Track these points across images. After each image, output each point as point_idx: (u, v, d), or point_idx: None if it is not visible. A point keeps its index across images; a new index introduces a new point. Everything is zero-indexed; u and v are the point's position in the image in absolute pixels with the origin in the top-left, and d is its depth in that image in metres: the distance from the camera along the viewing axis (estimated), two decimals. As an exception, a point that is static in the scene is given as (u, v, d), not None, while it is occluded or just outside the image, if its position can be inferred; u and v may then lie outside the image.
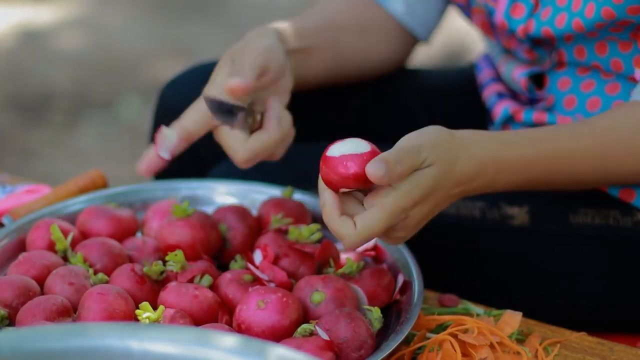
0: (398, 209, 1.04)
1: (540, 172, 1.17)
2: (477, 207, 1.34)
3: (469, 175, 1.10)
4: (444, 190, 1.08)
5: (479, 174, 1.11)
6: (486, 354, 1.10)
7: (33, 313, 1.08)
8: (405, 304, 1.15)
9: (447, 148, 1.08)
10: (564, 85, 1.35)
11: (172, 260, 1.15)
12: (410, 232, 1.09)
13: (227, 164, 1.42)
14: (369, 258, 1.23)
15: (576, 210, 1.33)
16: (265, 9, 4.05)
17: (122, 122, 3.29)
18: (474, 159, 1.10)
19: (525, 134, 1.17)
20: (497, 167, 1.12)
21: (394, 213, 1.04)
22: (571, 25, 1.25)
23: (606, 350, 1.16)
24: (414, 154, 1.05)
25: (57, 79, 3.50)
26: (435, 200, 1.08)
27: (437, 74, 1.62)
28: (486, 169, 1.11)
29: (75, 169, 2.89)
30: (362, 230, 1.04)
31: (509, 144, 1.14)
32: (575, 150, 1.18)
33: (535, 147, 1.16)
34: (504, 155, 1.13)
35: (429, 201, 1.07)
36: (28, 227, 1.24)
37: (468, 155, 1.10)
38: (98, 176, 1.40)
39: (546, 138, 1.17)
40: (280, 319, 1.07)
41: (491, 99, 1.46)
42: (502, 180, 1.14)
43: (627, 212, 1.32)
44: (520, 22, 1.31)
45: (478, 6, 1.37)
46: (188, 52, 3.69)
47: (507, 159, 1.13)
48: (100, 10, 4.02)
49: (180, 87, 1.54)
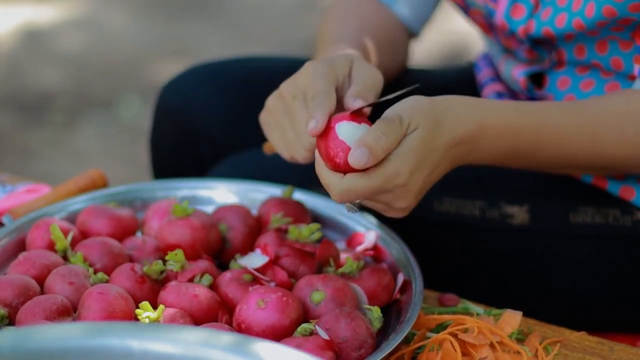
0: (390, 172, 1.05)
1: (526, 143, 1.16)
2: (477, 207, 1.34)
3: (456, 136, 1.11)
4: (437, 151, 1.09)
5: (466, 136, 1.11)
6: (486, 354, 1.10)
7: (33, 312, 1.08)
8: (405, 303, 1.15)
9: (428, 111, 1.09)
10: (563, 85, 1.35)
11: (172, 259, 1.15)
12: (412, 200, 1.09)
13: (227, 163, 1.42)
14: (369, 257, 1.23)
15: (576, 209, 1.33)
16: (265, 9, 4.05)
17: (121, 122, 3.29)
18: (458, 121, 1.11)
19: (512, 104, 1.18)
20: (482, 130, 1.13)
21: (385, 175, 1.05)
22: (572, 25, 1.25)
23: (606, 350, 1.16)
24: (396, 123, 1.06)
25: (57, 79, 3.50)
26: (430, 164, 1.09)
27: (437, 74, 1.62)
28: (472, 130, 1.12)
29: (75, 169, 2.89)
30: (348, 181, 1.05)
31: (494, 110, 1.15)
32: (562, 126, 1.17)
33: (522, 116, 1.16)
34: (488, 118, 1.13)
35: (425, 165, 1.08)
36: (28, 226, 1.24)
37: (452, 117, 1.10)
38: (98, 176, 1.40)
39: (534, 109, 1.17)
40: (280, 318, 1.07)
41: (490, 99, 1.46)
42: (489, 144, 1.14)
43: (627, 211, 1.32)
44: (521, 23, 1.31)
45: (477, 7, 1.37)
46: (188, 52, 3.68)
47: (492, 123, 1.13)
48: (100, 10, 4.02)
49: (179, 87, 1.54)
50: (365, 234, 1.25)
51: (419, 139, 1.07)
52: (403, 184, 1.07)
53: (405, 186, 1.07)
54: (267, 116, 1.22)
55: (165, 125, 1.56)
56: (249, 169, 1.38)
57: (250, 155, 1.41)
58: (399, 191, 1.07)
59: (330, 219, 1.30)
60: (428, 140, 1.07)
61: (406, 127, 1.07)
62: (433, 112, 1.09)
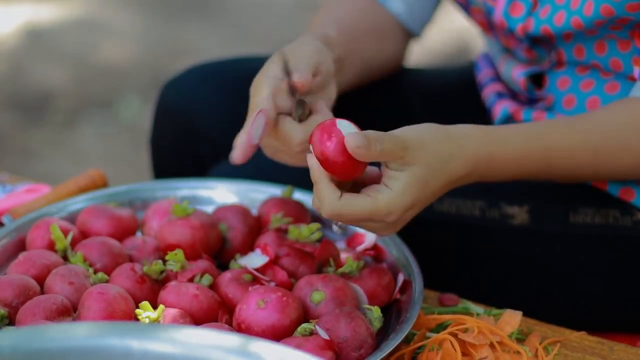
0: (383, 210, 1.07)
1: (535, 166, 1.18)
2: (477, 207, 1.34)
3: (462, 173, 1.12)
4: (434, 188, 1.10)
5: (472, 172, 1.13)
6: (486, 353, 1.10)
7: (33, 312, 1.08)
8: (405, 303, 1.15)
9: (437, 149, 1.09)
10: (563, 85, 1.35)
11: (172, 259, 1.15)
12: (398, 229, 1.12)
13: (227, 163, 1.42)
14: (369, 257, 1.23)
15: (576, 210, 1.33)
16: (265, 8, 4.04)
17: (122, 122, 3.29)
18: (468, 160, 1.12)
19: (518, 130, 1.18)
20: (489, 165, 1.14)
21: (379, 209, 1.06)
22: (570, 23, 1.25)
23: (606, 350, 1.16)
24: (399, 147, 1.06)
25: (57, 78, 3.49)
26: (426, 200, 1.11)
27: (437, 73, 1.62)
28: (479, 166, 1.13)
29: (75, 169, 2.89)
30: (344, 205, 1.06)
31: (503, 142, 1.15)
32: (569, 147, 1.19)
33: (529, 142, 1.17)
34: (498, 152, 1.14)
35: (421, 202, 1.10)
36: (28, 226, 1.24)
37: (462, 155, 1.11)
38: (98, 176, 1.40)
39: (540, 133, 1.18)
40: (280, 318, 1.07)
41: (490, 99, 1.46)
42: (496, 175, 1.16)
43: (627, 212, 1.32)
44: (519, 21, 1.31)
45: (477, 5, 1.37)
46: (188, 52, 3.68)
47: (501, 156, 1.15)
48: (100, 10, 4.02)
49: (180, 87, 1.54)
50: (365, 234, 1.25)
51: (420, 176, 1.08)
52: (394, 221, 1.09)
53: (396, 222, 1.09)
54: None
55: (165, 125, 1.56)
56: (249, 169, 1.38)
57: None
58: (388, 224, 1.09)
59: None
60: (429, 178, 1.09)
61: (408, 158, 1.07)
62: (443, 151, 1.10)
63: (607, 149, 1.20)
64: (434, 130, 1.10)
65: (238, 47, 3.64)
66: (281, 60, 1.22)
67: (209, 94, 1.52)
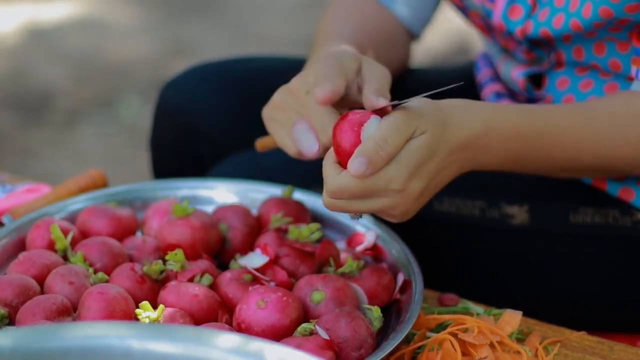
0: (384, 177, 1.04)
1: (531, 146, 1.16)
2: (477, 207, 1.34)
3: (461, 140, 1.09)
4: (440, 156, 1.08)
5: (471, 140, 1.10)
6: (486, 353, 1.10)
7: (33, 312, 1.08)
8: (405, 303, 1.15)
9: (435, 115, 1.07)
10: (562, 85, 1.35)
11: (172, 259, 1.15)
12: (411, 205, 1.08)
13: (227, 163, 1.42)
14: (369, 257, 1.23)
15: (576, 210, 1.33)
16: (265, 8, 4.05)
17: (121, 121, 3.29)
18: (463, 125, 1.10)
19: (517, 107, 1.17)
20: (487, 134, 1.12)
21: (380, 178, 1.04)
22: (569, 26, 1.25)
23: (606, 350, 1.16)
24: (402, 127, 1.04)
25: (57, 78, 3.50)
26: (432, 169, 1.07)
27: (436, 73, 1.62)
28: (476, 134, 1.11)
29: (75, 169, 2.90)
30: (342, 178, 1.04)
31: (500, 113, 1.14)
32: (568, 129, 1.17)
33: (528, 119, 1.15)
34: (494, 123, 1.12)
35: (426, 170, 1.07)
36: (28, 226, 1.24)
37: (457, 121, 1.09)
38: (98, 175, 1.40)
39: (539, 112, 1.17)
40: (280, 318, 1.07)
41: (490, 98, 1.46)
42: (494, 148, 1.13)
43: (627, 212, 1.32)
44: (518, 24, 1.31)
45: (475, 9, 1.37)
46: (188, 52, 3.69)
47: (498, 127, 1.12)
48: (100, 10, 4.02)
49: (180, 87, 1.54)
50: (365, 233, 1.25)
51: (423, 144, 1.06)
52: (399, 189, 1.05)
53: (402, 191, 1.06)
54: (274, 111, 1.20)
55: (165, 125, 1.56)
56: (249, 169, 1.38)
57: (250, 155, 1.41)
58: (396, 196, 1.06)
59: (330, 218, 1.30)
60: (432, 145, 1.06)
61: (412, 131, 1.05)
62: (440, 116, 1.08)
63: (607, 135, 1.18)
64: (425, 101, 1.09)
65: (238, 47, 3.64)
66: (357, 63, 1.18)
67: (209, 94, 1.52)
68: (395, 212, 1.08)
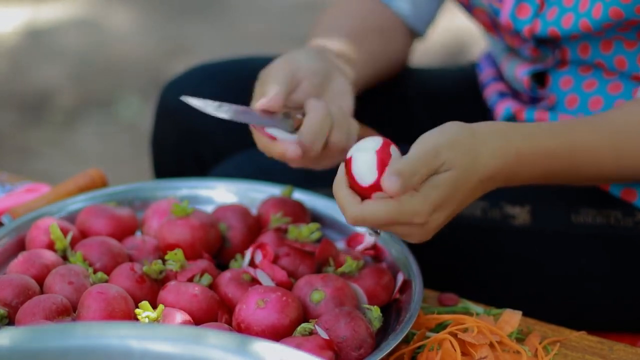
0: (409, 211, 1.03)
1: (561, 164, 1.14)
2: (478, 207, 1.33)
3: (491, 170, 1.08)
4: (465, 190, 1.07)
5: (502, 169, 1.09)
6: (486, 353, 1.10)
7: (32, 312, 1.08)
8: (405, 303, 1.15)
9: (467, 148, 1.06)
10: (566, 85, 1.35)
11: (171, 259, 1.15)
12: (430, 234, 1.08)
13: (227, 163, 1.42)
14: (369, 257, 1.23)
15: (578, 210, 1.33)
16: (265, 8, 4.04)
17: (121, 121, 3.29)
18: (496, 154, 1.08)
19: (544, 126, 1.15)
20: (518, 160, 1.10)
21: (405, 212, 1.03)
22: (578, 26, 1.25)
23: (606, 350, 1.16)
24: (431, 159, 1.03)
25: (56, 78, 3.50)
26: (456, 202, 1.07)
27: (438, 73, 1.62)
28: (508, 162, 1.09)
29: (74, 168, 2.89)
30: (366, 210, 1.03)
31: (530, 136, 1.12)
32: (594, 142, 1.15)
33: (556, 138, 1.13)
34: (525, 147, 1.10)
35: (450, 204, 1.06)
36: (27, 226, 1.24)
37: (489, 151, 1.08)
38: (97, 175, 1.40)
39: (566, 130, 1.15)
40: (279, 318, 1.07)
41: (492, 98, 1.46)
42: (524, 173, 1.12)
43: (629, 213, 1.32)
44: (526, 23, 1.31)
45: (482, 7, 1.37)
46: (188, 52, 3.68)
47: (529, 151, 1.11)
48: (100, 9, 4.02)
49: (180, 88, 1.54)
50: (365, 233, 1.25)
51: (451, 182, 1.04)
52: (421, 223, 1.05)
53: (424, 224, 1.05)
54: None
55: (166, 125, 1.56)
56: (249, 169, 1.38)
57: (250, 155, 1.41)
58: (418, 227, 1.06)
59: (330, 218, 1.30)
60: (460, 181, 1.05)
61: (440, 164, 1.04)
62: (472, 148, 1.06)
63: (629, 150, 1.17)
64: (460, 128, 1.07)
65: (238, 47, 3.64)
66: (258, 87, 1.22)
67: (209, 94, 1.52)
68: (414, 239, 1.09)
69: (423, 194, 1.03)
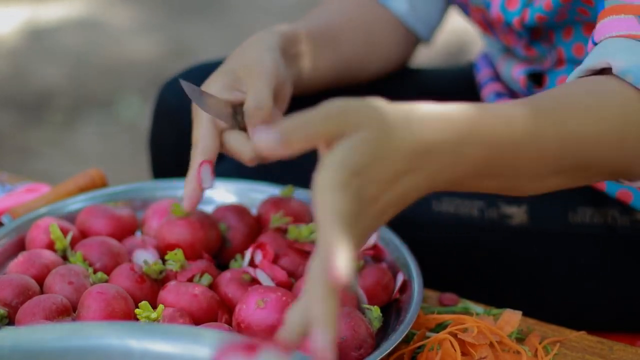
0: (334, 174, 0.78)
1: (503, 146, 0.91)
2: (475, 207, 1.34)
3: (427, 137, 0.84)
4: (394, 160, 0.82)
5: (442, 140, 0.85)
6: (486, 353, 1.10)
7: (32, 312, 1.08)
8: (404, 303, 1.15)
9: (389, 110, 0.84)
10: (562, 84, 1.35)
11: (171, 259, 1.15)
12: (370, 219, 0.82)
13: (227, 163, 1.42)
14: (369, 257, 1.23)
15: (575, 210, 1.33)
16: (265, 8, 4.05)
17: (121, 121, 3.29)
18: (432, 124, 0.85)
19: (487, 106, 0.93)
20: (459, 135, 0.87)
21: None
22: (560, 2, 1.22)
23: (606, 349, 1.16)
24: (324, 114, 0.80)
25: (56, 78, 3.50)
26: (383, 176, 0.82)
27: (436, 74, 1.62)
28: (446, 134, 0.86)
29: (74, 168, 2.90)
30: None
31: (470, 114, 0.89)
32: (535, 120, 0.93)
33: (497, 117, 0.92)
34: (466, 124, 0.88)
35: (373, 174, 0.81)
36: (27, 226, 1.24)
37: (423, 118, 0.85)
38: (97, 175, 1.40)
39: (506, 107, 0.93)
40: (279, 318, 1.07)
41: (489, 98, 1.46)
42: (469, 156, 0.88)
43: (626, 212, 1.32)
44: (516, 14, 1.31)
45: (476, 4, 1.38)
46: (188, 52, 3.69)
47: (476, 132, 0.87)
48: (100, 9, 4.02)
49: (179, 87, 1.54)
50: (364, 233, 1.24)
51: (364, 141, 0.80)
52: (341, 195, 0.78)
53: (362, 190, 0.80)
54: None
55: (165, 125, 1.56)
56: (249, 169, 1.38)
57: (250, 155, 1.41)
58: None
59: (330, 218, 1.29)
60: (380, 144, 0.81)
61: (344, 121, 0.81)
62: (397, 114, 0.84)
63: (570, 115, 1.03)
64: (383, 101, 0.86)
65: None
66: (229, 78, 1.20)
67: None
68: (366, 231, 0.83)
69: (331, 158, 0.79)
